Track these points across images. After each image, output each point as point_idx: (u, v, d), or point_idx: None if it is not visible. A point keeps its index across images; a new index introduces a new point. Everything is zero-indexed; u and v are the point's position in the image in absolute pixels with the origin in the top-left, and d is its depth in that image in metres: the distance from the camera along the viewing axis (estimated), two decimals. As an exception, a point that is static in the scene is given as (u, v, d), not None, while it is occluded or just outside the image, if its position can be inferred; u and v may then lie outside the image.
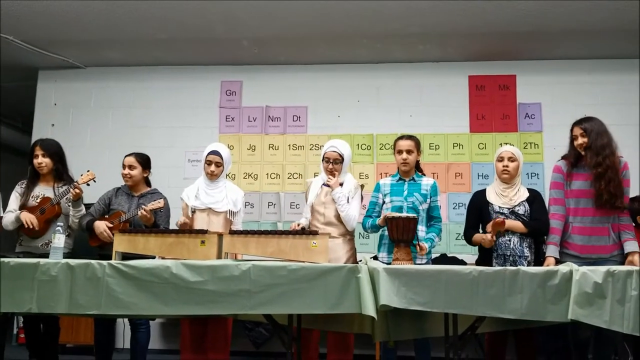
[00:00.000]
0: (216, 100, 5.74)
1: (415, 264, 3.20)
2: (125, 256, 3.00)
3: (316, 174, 3.89)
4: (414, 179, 3.56)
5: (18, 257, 3.28)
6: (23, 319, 4.00)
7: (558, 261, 3.19)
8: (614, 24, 4.69)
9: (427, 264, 3.43)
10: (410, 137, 3.58)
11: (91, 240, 3.67)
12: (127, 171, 3.74)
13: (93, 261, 2.78)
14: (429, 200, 3.50)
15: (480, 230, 3.48)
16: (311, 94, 5.64)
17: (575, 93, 5.38)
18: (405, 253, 3.10)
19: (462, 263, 4.71)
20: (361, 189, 3.69)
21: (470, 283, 2.62)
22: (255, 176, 5.57)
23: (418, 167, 3.63)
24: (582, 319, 2.57)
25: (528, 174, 5.25)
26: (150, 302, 2.70)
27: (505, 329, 3.34)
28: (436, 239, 3.49)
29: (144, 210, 3.44)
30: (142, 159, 3.81)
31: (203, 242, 2.96)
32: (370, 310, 2.57)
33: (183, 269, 2.71)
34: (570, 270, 2.64)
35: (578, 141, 3.30)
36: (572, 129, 3.36)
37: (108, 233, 3.52)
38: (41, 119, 5.86)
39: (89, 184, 3.63)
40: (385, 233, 3.44)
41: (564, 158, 3.42)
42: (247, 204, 5.35)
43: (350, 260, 3.53)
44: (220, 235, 3.02)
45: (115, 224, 3.57)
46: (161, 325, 5.28)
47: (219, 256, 2.96)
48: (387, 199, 3.53)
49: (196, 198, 3.63)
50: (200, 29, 4.98)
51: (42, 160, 3.74)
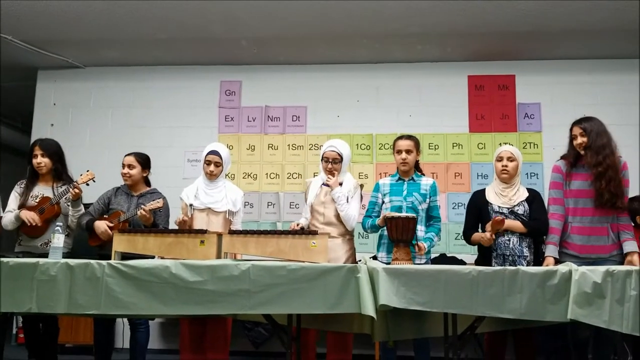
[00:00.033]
0: (215, 100, 5.73)
1: (414, 263, 3.20)
2: (125, 256, 3.00)
3: (315, 174, 3.88)
4: (413, 178, 3.55)
5: (17, 257, 3.27)
6: (22, 318, 4.00)
7: (557, 261, 3.19)
8: (614, 24, 4.69)
9: (427, 263, 3.43)
10: (409, 137, 3.58)
11: (91, 239, 3.67)
12: (127, 170, 3.75)
13: (92, 261, 2.78)
14: (428, 200, 3.50)
15: (479, 230, 3.48)
16: (310, 94, 5.64)
17: (574, 93, 5.38)
18: (405, 253, 3.10)
19: (462, 263, 4.71)
20: (360, 189, 3.69)
21: (469, 283, 2.62)
22: (255, 176, 5.57)
23: (417, 167, 3.63)
24: (582, 318, 2.57)
25: (527, 174, 5.25)
26: (149, 302, 2.70)
27: (505, 329, 3.33)
28: (435, 239, 3.49)
29: (143, 210, 3.44)
30: (142, 158, 3.81)
31: (202, 242, 2.96)
32: (369, 310, 2.57)
33: (182, 269, 2.70)
34: (570, 270, 2.64)
35: (577, 141, 3.30)
36: (572, 129, 3.36)
37: (109, 233, 3.51)
38: (40, 118, 5.85)
39: (88, 184, 3.63)
40: (384, 233, 3.44)
41: (563, 158, 3.42)
42: (247, 203, 5.35)
43: (349, 260, 3.53)
44: (219, 235, 3.02)
45: (114, 224, 3.57)
46: (160, 325, 5.28)
47: (219, 256, 2.96)
48: (387, 199, 3.53)
49: (195, 198, 3.63)
50: (199, 28, 4.97)
51: (41, 160, 3.74)
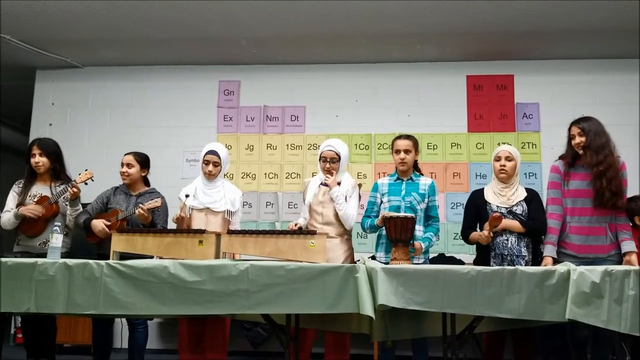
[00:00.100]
0: (214, 100, 5.73)
1: (412, 263, 3.20)
2: (123, 256, 3.00)
3: (314, 174, 3.88)
4: (411, 178, 3.56)
5: (16, 257, 3.28)
6: (21, 318, 4.00)
7: (556, 261, 3.19)
8: (614, 24, 4.69)
9: (425, 263, 3.44)
10: (408, 137, 3.58)
11: (88, 237, 3.67)
12: (125, 169, 3.75)
13: (91, 261, 2.78)
14: (426, 199, 3.50)
15: (478, 230, 3.48)
16: (309, 93, 5.64)
17: (573, 93, 5.38)
18: (403, 253, 3.10)
19: (460, 263, 4.71)
20: (359, 188, 3.69)
21: (468, 283, 2.62)
22: (253, 176, 5.56)
23: (416, 167, 3.63)
24: (580, 318, 2.57)
25: (526, 173, 5.25)
26: (148, 302, 2.70)
27: (503, 329, 3.34)
28: (434, 239, 3.49)
29: (142, 208, 3.43)
30: (141, 158, 3.81)
31: (201, 242, 2.96)
32: (368, 310, 2.57)
33: (181, 269, 2.70)
34: (568, 270, 2.64)
35: (575, 140, 3.30)
36: (570, 129, 3.37)
37: (107, 231, 3.51)
38: (39, 118, 5.84)
39: (86, 183, 3.63)
40: (383, 233, 3.44)
41: (561, 158, 3.42)
42: (245, 203, 5.35)
43: (347, 260, 3.53)
44: (218, 235, 3.02)
45: (112, 222, 3.57)
46: (159, 325, 5.28)
47: (217, 256, 2.96)
48: (385, 199, 3.53)
49: (194, 198, 3.63)
50: (198, 28, 4.97)
51: (39, 160, 3.73)
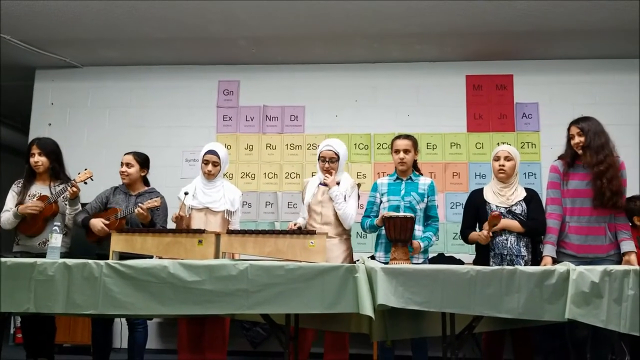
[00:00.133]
0: (214, 100, 5.73)
1: (412, 263, 3.20)
2: (123, 256, 3.00)
3: (314, 174, 3.88)
4: (411, 178, 3.56)
5: (15, 257, 3.28)
6: (20, 318, 3.99)
7: (555, 261, 3.19)
8: (614, 24, 4.68)
9: (424, 263, 3.44)
10: (407, 137, 3.58)
11: (88, 236, 3.67)
12: (125, 169, 3.75)
13: (90, 261, 2.77)
14: (426, 199, 3.50)
15: (477, 230, 3.48)
16: (308, 93, 5.64)
17: (572, 93, 5.38)
18: (403, 253, 3.10)
19: (460, 262, 4.70)
20: (358, 188, 3.69)
21: (467, 282, 2.62)
22: (253, 176, 5.56)
23: (415, 167, 3.63)
24: (579, 318, 2.57)
25: (525, 173, 5.25)
26: (147, 302, 2.70)
27: (503, 329, 3.34)
28: (433, 239, 3.49)
29: (141, 207, 3.43)
30: (140, 157, 3.82)
31: (200, 242, 2.96)
32: (367, 310, 2.57)
33: (180, 269, 2.70)
34: (567, 269, 2.64)
35: (575, 140, 3.31)
36: (569, 129, 3.37)
37: (105, 230, 3.51)
38: (38, 118, 5.84)
39: (86, 183, 3.63)
40: (382, 232, 3.44)
41: (560, 158, 3.42)
42: (245, 203, 5.35)
43: (346, 260, 3.53)
44: (217, 234, 3.02)
45: (111, 220, 3.57)
46: (159, 325, 5.27)
47: (217, 256, 2.96)
48: (384, 199, 3.53)
49: (194, 197, 3.63)
50: (198, 28, 4.96)
51: (39, 159, 3.73)
